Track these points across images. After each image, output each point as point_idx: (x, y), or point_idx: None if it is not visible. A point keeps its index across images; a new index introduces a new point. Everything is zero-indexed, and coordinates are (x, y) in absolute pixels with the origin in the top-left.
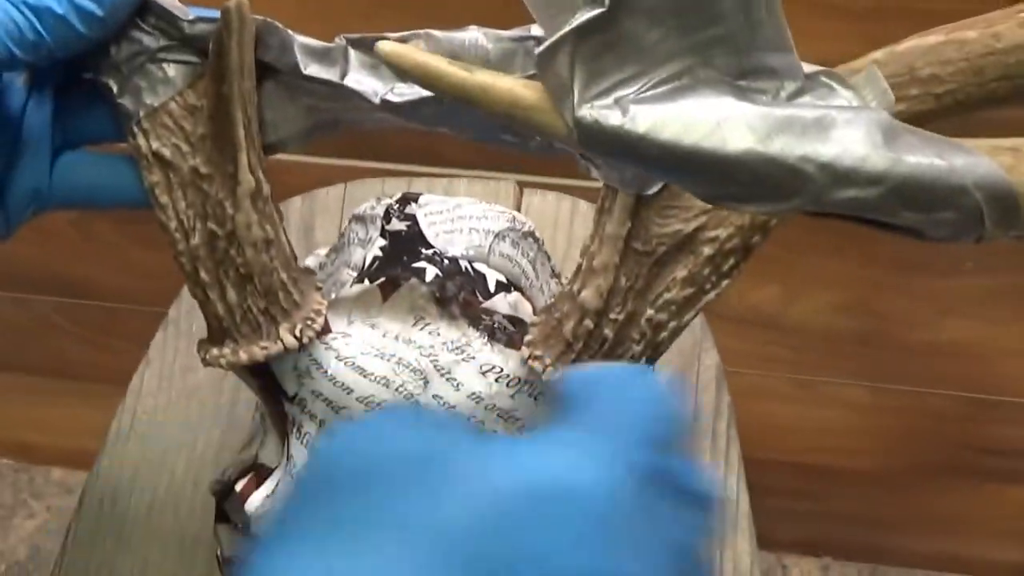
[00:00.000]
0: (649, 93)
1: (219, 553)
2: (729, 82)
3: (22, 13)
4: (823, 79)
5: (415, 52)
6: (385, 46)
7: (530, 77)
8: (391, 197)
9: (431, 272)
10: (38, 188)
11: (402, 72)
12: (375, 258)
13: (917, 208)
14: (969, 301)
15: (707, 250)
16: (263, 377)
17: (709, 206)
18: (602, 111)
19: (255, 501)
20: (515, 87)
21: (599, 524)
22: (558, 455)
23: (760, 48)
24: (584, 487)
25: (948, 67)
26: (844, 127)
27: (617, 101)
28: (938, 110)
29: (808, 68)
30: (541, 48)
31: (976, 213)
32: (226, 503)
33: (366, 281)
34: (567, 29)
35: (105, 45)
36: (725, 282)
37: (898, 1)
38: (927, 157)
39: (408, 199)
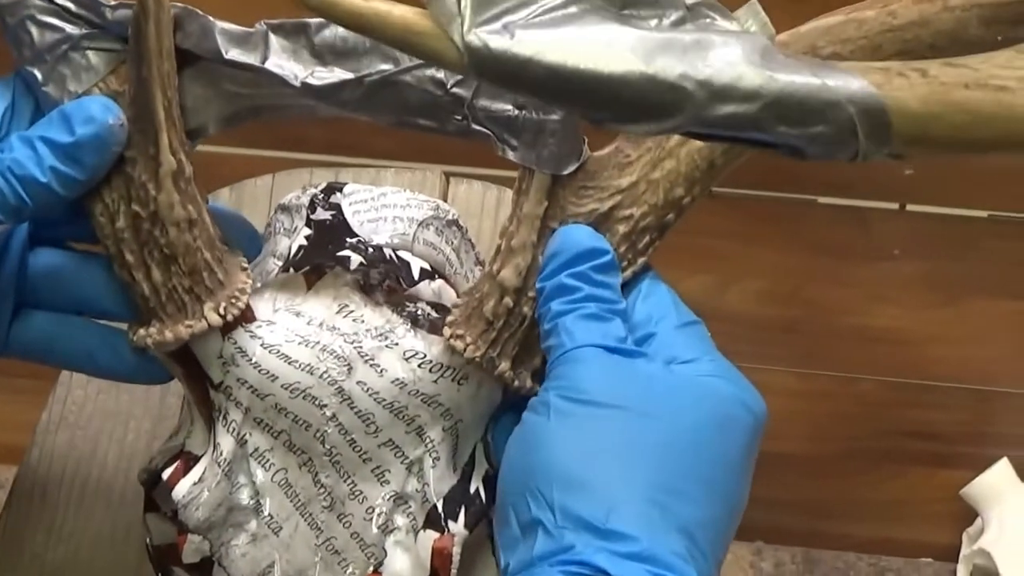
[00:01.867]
0: (537, 20)
1: (148, 541)
2: (614, 12)
3: (7, 180)
4: (704, 10)
5: None
6: None
7: None
8: (316, 187)
9: (355, 260)
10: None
11: (303, 3)
12: (300, 247)
13: (793, 123)
14: (897, 287)
15: (622, 228)
16: (188, 365)
17: (624, 186)
18: (491, 35)
19: (183, 488)
20: (408, 14)
21: None
22: None
23: None
24: None
25: (848, 45)
26: (722, 47)
27: (505, 27)
28: None
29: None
30: None
31: (850, 127)
32: (154, 491)
33: (291, 270)
34: None
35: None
36: (641, 259)
37: None
38: (801, 75)
39: (333, 188)
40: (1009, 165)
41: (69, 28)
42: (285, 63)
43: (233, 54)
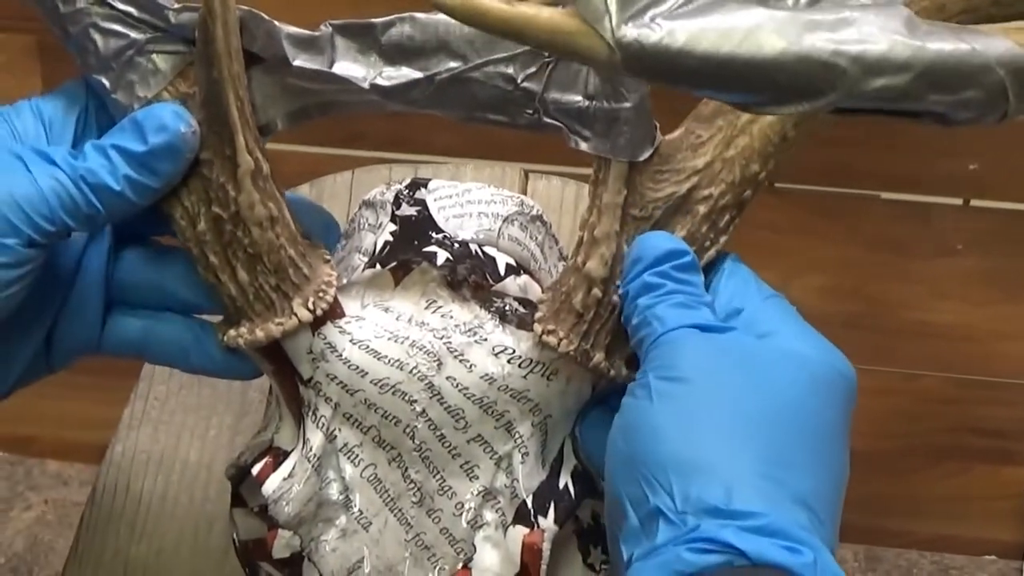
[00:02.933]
0: (682, 10)
1: (235, 537)
2: None
3: (79, 189)
4: None
5: None
6: None
7: None
8: (400, 183)
9: (442, 256)
10: (87, 340)
11: (448, 10)
12: (386, 243)
13: (944, 90)
14: (960, 283)
15: (702, 209)
16: (278, 361)
17: (700, 167)
18: (641, 29)
19: (272, 483)
20: (555, 16)
21: None
22: None
23: None
24: None
25: (912, 7)
26: (868, 23)
27: (653, 19)
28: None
29: None
30: None
31: (1000, 88)
32: (242, 487)
33: (377, 266)
34: None
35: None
36: (723, 238)
37: None
38: (949, 42)
39: (417, 184)
40: None
41: (133, 33)
42: (352, 66)
43: (301, 60)
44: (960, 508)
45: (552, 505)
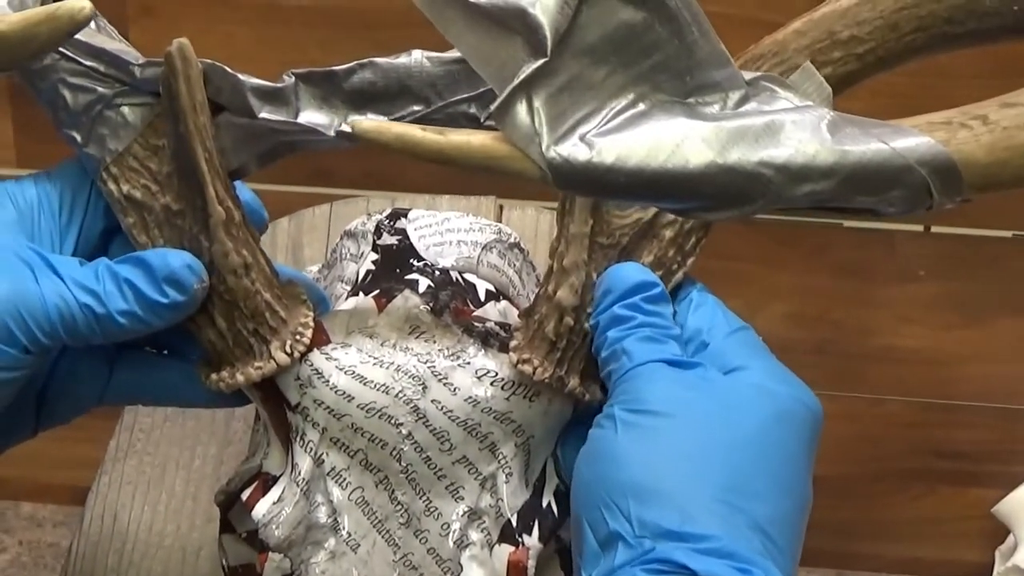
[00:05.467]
0: (610, 125)
1: (224, 563)
2: (679, 101)
3: (84, 313)
4: (764, 83)
5: (391, 126)
6: (362, 124)
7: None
8: (381, 213)
9: (424, 283)
10: (89, 381)
11: (383, 146)
12: (368, 271)
13: (870, 192)
14: (923, 308)
15: (668, 233)
16: (266, 388)
17: None
18: (570, 149)
19: (262, 508)
20: (487, 142)
21: None
22: None
23: (700, 66)
24: None
25: (865, 27)
26: (792, 129)
27: (582, 138)
28: (863, 69)
29: (747, 75)
30: (495, 104)
31: (923, 187)
32: (230, 513)
33: (360, 294)
34: (517, 82)
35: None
36: (691, 260)
37: None
38: (871, 144)
39: (398, 214)
40: None
41: (101, 88)
42: (316, 114)
43: (266, 112)
44: (928, 530)
45: (536, 523)
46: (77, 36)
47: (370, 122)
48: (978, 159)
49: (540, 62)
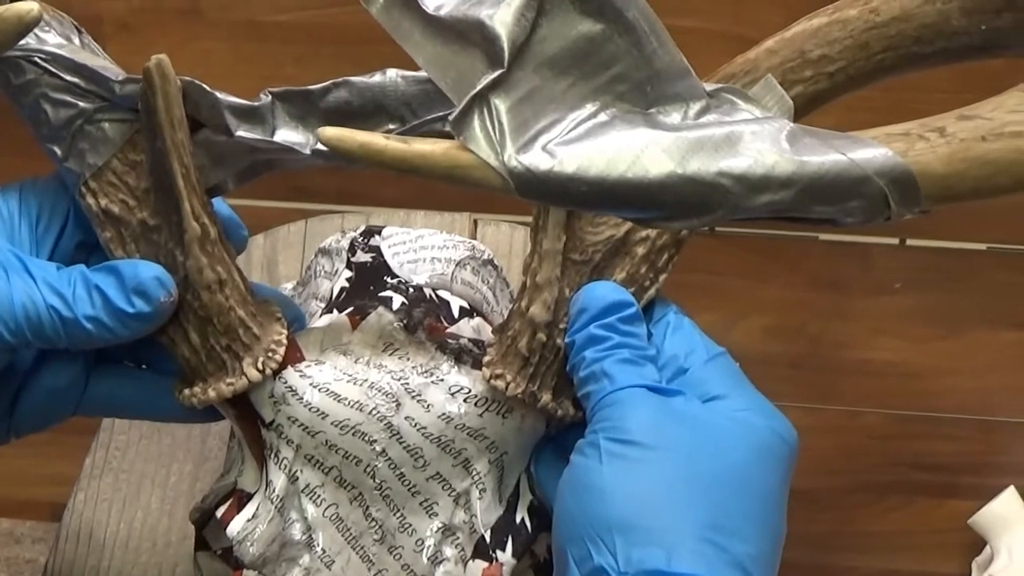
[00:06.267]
0: (571, 134)
1: None
2: (641, 112)
3: (50, 315)
4: (725, 95)
5: (355, 134)
6: (327, 132)
7: None
8: (355, 230)
9: (397, 300)
10: (65, 390)
11: (347, 154)
12: (343, 289)
13: (828, 202)
14: (899, 320)
15: (641, 250)
16: (240, 405)
17: None
18: (532, 158)
19: (237, 525)
20: (450, 151)
21: None
22: None
23: (660, 77)
24: None
25: (836, 46)
26: (752, 139)
27: (544, 147)
28: (833, 88)
29: (709, 86)
30: (453, 115)
31: (881, 197)
32: (205, 530)
33: (335, 311)
34: (474, 92)
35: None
36: (663, 277)
37: None
38: (829, 155)
39: (372, 231)
40: (1006, 199)
41: (82, 103)
42: (292, 133)
43: (243, 130)
44: (906, 542)
45: (510, 539)
46: (59, 52)
47: (334, 130)
48: (935, 170)
49: (497, 73)
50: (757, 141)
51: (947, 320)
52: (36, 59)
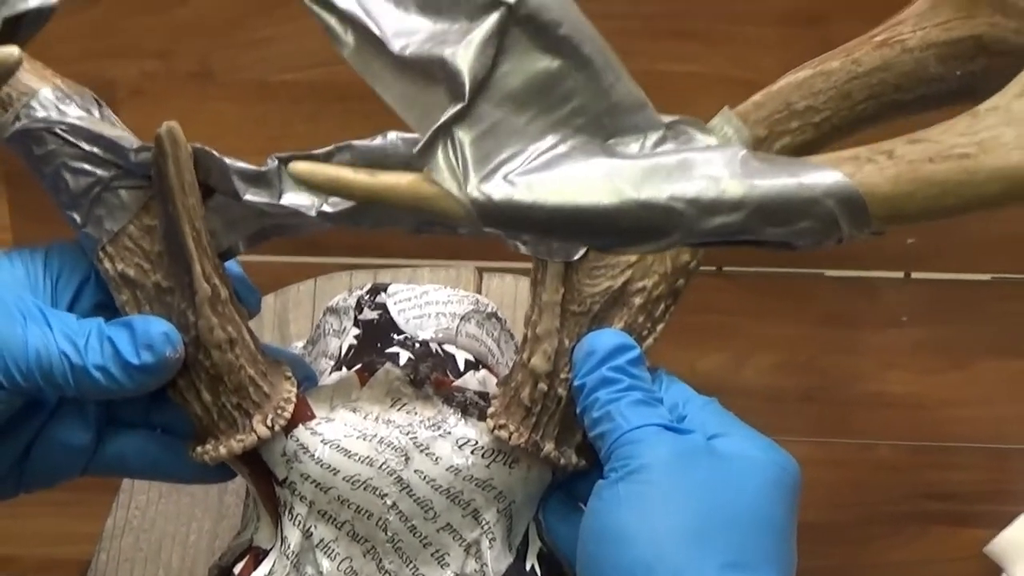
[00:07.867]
0: (532, 165)
1: None
2: (599, 143)
3: (60, 361)
4: (681, 126)
5: (324, 168)
6: (296, 167)
7: None
8: (361, 288)
9: (404, 356)
10: (78, 446)
11: (316, 187)
12: (351, 346)
13: (779, 223)
14: (907, 353)
15: (638, 300)
16: (254, 464)
17: (633, 260)
18: (493, 188)
19: None
20: (414, 182)
21: None
22: None
23: (618, 110)
24: None
25: (820, 97)
26: (704, 164)
27: (505, 177)
28: (819, 138)
29: (667, 118)
30: (418, 147)
31: (831, 218)
32: None
33: (343, 369)
34: (437, 125)
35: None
36: (660, 326)
37: None
38: (779, 178)
39: (378, 289)
40: (1008, 229)
41: (100, 171)
42: (298, 196)
43: (250, 194)
44: (920, 571)
45: None
46: (78, 123)
47: (304, 164)
48: (883, 191)
49: (459, 106)
50: (709, 166)
51: (955, 351)
52: (57, 130)
